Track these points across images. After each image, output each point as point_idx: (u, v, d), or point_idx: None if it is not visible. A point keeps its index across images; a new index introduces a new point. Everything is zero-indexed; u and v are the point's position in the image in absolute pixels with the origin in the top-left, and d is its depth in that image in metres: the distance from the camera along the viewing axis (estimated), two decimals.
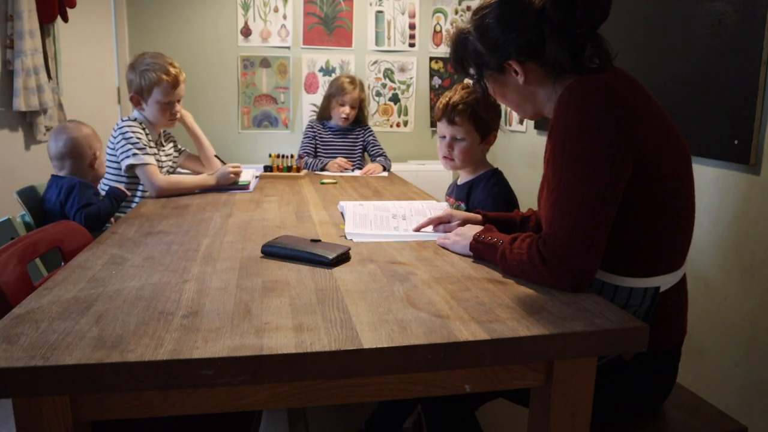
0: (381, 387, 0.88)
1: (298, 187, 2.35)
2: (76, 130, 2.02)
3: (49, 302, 0.97)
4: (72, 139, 2.00)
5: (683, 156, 1.13)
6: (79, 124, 2.07)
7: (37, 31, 2.53)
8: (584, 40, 1.11)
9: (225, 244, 1.38)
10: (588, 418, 0.96)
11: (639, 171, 1.05)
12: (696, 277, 1.98)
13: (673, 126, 1.13)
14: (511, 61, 1.15)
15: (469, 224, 1.44)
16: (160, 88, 2.13)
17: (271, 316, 0.92)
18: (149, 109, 2.18)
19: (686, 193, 1.13)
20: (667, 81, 2.05)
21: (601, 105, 1.03)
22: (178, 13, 3.43)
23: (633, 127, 1.04)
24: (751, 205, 1.77)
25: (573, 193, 1.02)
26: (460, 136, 1.80)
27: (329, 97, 3.04)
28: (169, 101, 2.16)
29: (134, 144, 2.07)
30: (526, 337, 0.87)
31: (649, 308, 1.12)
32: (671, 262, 1.13)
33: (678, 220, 1.11)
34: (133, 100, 2.18)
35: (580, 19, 1.09)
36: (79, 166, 2.01)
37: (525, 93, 1.21)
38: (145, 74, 2.13)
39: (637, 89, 1.11)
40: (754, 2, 1.70)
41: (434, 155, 3.80)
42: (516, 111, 1.28)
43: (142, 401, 0.82)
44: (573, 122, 1.04)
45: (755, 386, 1.77)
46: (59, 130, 2.03)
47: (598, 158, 1.02)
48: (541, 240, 1.05)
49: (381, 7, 3.65)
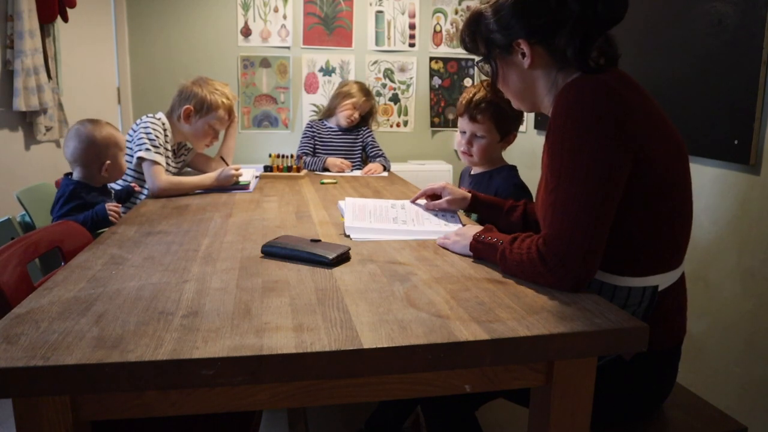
0: (381, 387, 0.88)
1: (298, 187, 2.35)
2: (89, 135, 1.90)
3: (49, 302, 0.97)
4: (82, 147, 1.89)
5: (681, 156, 1.13)
6: (98, 125, 1.93)
7: (37, 31, 2.53)
8: (596, 36, 1.11)
9: (225, 244, 1.38)
10: (588, 418, 0.96)
11: (636, 170, 1.05)
12: (696, 277, 1.98)
13: (671, 126, 1.14)
14: (520, 40, 1.15)
15: (469, 224, 1.45)
16: (218, 113, 2.29)
17: (271, 316, 0.92)
18: (196, 126, 2.29)
19: (684, 193, 1.13)
20: (667, 81, 2.05)
21: (598, 105, 1.03)
22: (178, 13, 3.43)
23: (631, 127, 1.04)
24: (751, 205, 1.77)
25: (572, 194, 1.02)
26: (480, 134, 1.82)
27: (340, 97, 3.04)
28: (218, 128, 2.33)
29: (151, 140, 2.12)
30: (526, 337, 0.87)
31: (648, 307, 1.12)
32: (669, 261, 1.13)
33: (676, 219, 1.11)
34: (185, 112, 2.26)
35: (599, 15, 1.09)
36: (89, 171, 1.92)
37: (527, 79, 1.20)
38: (214, 95, 2.28)
39: (636, 90, 1.11)
40: (754, 2, 1.70)
41: (434, 155, 3.80)
42: (514, 99, 1.28)
43: (142, 401, 0.82)
44: (571, 122, 1.04)
45: (755, 386, 1.77)
46: (74, 132, 1.92)
47: (597, 158, 1.02)
48: (541, 240, 1.05)
49: (381, 7, 3.64)
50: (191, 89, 2.29)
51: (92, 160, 1.89)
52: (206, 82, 2.32)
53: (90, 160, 1.89)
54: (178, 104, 2.29)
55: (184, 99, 2.29)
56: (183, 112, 2.26)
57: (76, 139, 1.89)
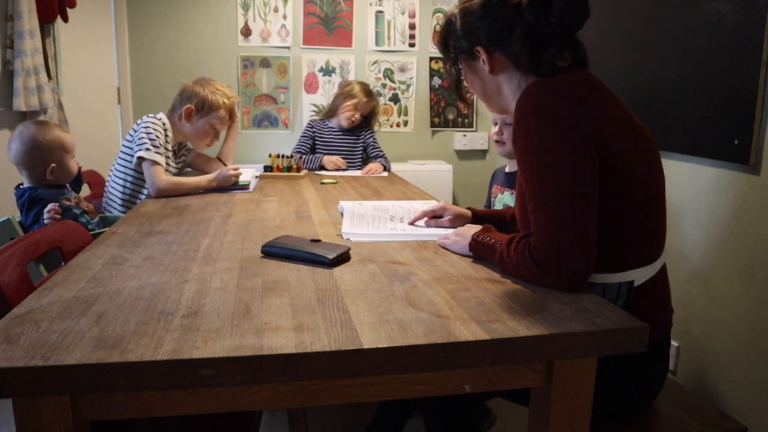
0: (381, 387, 0.88)
1: (298, 187, 2.35)
2: (32, 137, 1.81)
3: (49, 302, 0.97)
4: (23, 150, 1.81)
5: (649, 151, 1.14)
6: (43, 127, 1.85)
7: (37, 31, 2.53)
8: (549, 42, 1.13)
9: (225, 244, 1.38)
10: (588, 418, 0.96)
11: (602, 166, 1.06)
12: (696, 277, 1.98)
13: (639, 125, 1.15)
14: (479, 47, 1.19)
15: (469, 224, 1.44)
16: (219, 113, 2.30)
17: (271, 316, 0.92)
18: (197, 125, 2.30)
19: (654, 186, 1.14)
20: (667, 81, 2.05)
21: (558, 105, 1.05)
22: (178, 13, 3.43)
23: (591, 123, 1.05)
24: (751, 205, 1.77)
25: (548, 196, 1.03)
26: (509, 121, 1.81)
27: (342, 97, 3.04)
28: (219, 128, 2.34)
29: (152, 140, 2.13)
30: (526, 337, 0.87)
31: (625, 303, 1.13)
32: (644, 256, 1.13)
33: (647, 213, 1.12)
34: (186, 111, 2.27)
35: (553, 24, 1.11)
36: (34, 174, 1.85)
37: (491, 84, 1.24)
38: (215, 95, 2.29)
39: (597, 90, 1.12)
40: (754, 2, 1.70)
41: (434, 155, 3.80)
42: (483, 101, 1.32)
43: (142, 401, 0.82)
44: (533, 127, 1.06)
45: (755, 386, 1.77)
46: (17, 134, 1.83)
47: (564, 157, 1.03)
48: (532, 247, 1.06)
49: (381, 7, 3.64)
50: (193, 89, 2.30)
51: (36, 163, 1.83)
52: (208, 82, 2.33)
53: (34, 163, 1.82)
54: (179, 104, 2.30)
55: (186, 98, 2.29)
56: (184, 112, 2.27)
57: (18, 141, 1.82)
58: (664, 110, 2.04)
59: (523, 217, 1.15)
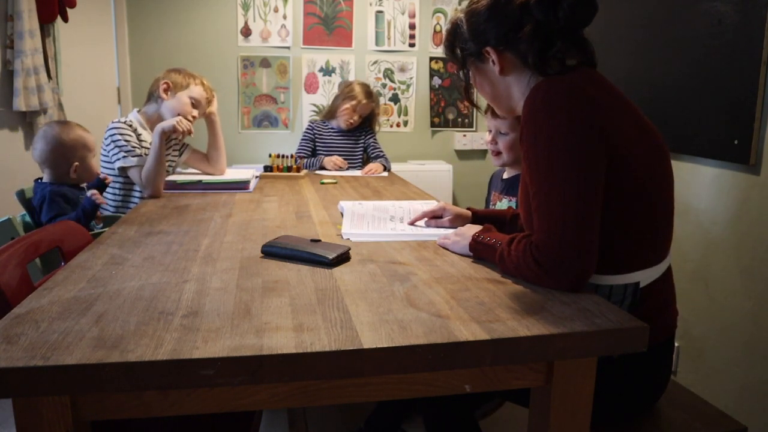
0: (381, 387, 0.88)
1: (298, 187, 2.35)
2: (56, 137, 1.89)
3: (49, 302, 0.97)
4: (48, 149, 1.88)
5: (659, 151, 1.13)
6: (66, 127, 1.93)
7: (37, 31, 2.53)
8: (556, 40, 1.13)
9: (225, 244, 1.38)
10: (588, 418, 0.96)
11: (610, 166, 1.05)
12: (696, 277, 1.98)
13: (649, 125, 1.15)
14: (489, 48, 1.19)
15: (469, 224, 1.44)
16: (196, 88, 2.30)
17: (271, 316, 0.92)
18: (174, 100, 2.27)
19: (663, 188, 1.14)
20: (667, 81, 2.05)
21: (566, 104, 1.04)
22: (178, 13, 3.43)
23: (600, 123, 1.05)
24: (751, 205, 1.77)
25: (554, 195, 1.03)
26: (504, 130, 1.78)
27: (341, 99, 3.03)
28: (196, 102, 2.30)
29: (122, 147, 2.10)
30: (526, 337, 0.87)
31: (631, 304, 1.12)
32: (650, 257, 1.13)
33: (653, 214, 1.12)
34: (163, 87, 2.27)
35: (561, 21, 1.11)
36: (58, 173, 1.91)
37: (501, 85, 1.23)
38: (192, 74, 2.32)
39: (607, 90, 1.12)
40: (754, 2, 1.70)
41: (434, 155, 3.80)
42: (492, 104, 1.31)
43: (142, 401, 0.82)
44: (541, 125, 1.05)
45: (755, 386, 1.77)
46: (41, 133, 1.91)
47: (573, 156, 1.02)
48: (533, 246, 1.05)
49: (381, 7, 3.64)
50: (169, 75, 2.32)
51: (60, 161, 1.90)
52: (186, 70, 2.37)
53: (58, 161, 1.90)
54: (156, 88, 2.29)
55: (160, 79, 2.30)
56: (161, 88, 2.26)
57: (43, 141, 1.89)
58: (664, 110, 2.04)
59: (528, 217, 1.14)
